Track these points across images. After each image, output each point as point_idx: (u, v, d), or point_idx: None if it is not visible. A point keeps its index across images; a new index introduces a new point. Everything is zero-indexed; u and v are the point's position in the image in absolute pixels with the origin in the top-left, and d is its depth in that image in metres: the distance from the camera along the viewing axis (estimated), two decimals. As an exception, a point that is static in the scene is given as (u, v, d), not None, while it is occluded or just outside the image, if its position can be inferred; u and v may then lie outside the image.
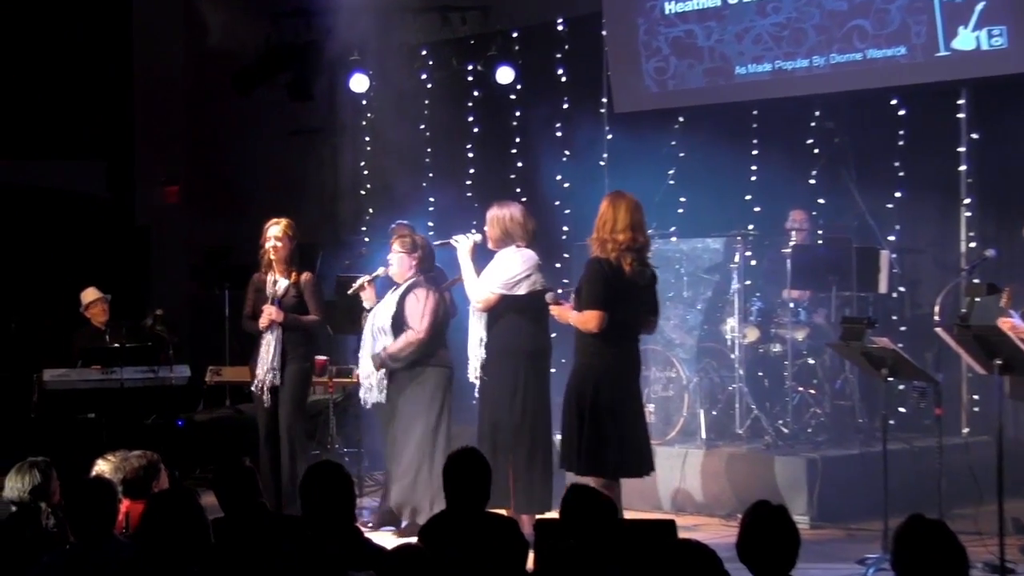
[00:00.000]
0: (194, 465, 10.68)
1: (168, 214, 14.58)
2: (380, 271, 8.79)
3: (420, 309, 8.47)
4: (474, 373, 8.12)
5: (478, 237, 8.21)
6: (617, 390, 7.33)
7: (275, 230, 8.78)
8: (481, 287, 8.03)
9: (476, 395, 8.26)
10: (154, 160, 14.52)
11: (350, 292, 8.88)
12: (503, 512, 7.35)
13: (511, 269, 7.97)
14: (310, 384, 9.24)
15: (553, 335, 8.33)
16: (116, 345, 10.41)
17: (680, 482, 9.30)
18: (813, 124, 10.45)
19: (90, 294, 11.09)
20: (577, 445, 7.26)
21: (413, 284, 8.57)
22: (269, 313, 8.69)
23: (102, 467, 6.43)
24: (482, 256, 8.24)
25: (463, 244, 8.19)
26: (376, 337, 8.51)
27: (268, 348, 8.71)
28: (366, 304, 8.76)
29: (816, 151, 10.38)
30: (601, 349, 7.31)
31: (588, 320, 7.26)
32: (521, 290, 7.95)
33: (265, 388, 8.69)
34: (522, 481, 7.93)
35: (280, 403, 8.72)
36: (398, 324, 8.46)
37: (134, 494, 6.22)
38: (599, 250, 7.30)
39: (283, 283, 8.77)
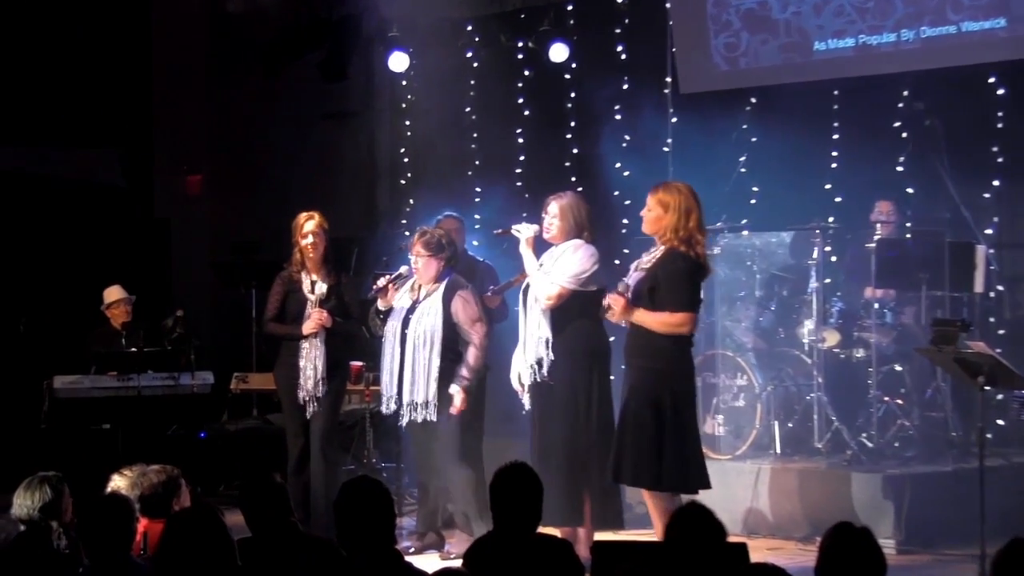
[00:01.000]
0: (218, 481, 10.73)
1: (189, 206, 14.66)
2: (404, 270, 8.76)
3: (474, 312, 8.53)
4: (522, 378, 8.10)
5: (536, 227, 8.21)
6: (692, 398, 7.47)
7: (311, 225, 8.82)
8: (551, 281, 8.00)
9: (528, 403, 8.22)
10: (174, 147, 14.60)
11: (372, 295, 8.83)
12: (556, 532, 7.37)
13: (583, 263, 7.99)
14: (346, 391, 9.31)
15: (612, 338, 8.32)
16: (133, 349, 10.48)
17: (752, 501, 9.27)
18: (901, 105, 10.37)
19: (114, 293, 11.17)
20: (656, 459, 7.25)
21: (454, 285, 8.59)
22: (320, 318, 8.74)
23: (118, 483, 6.47)
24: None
25: (525, 233, 8.18)
26: (420, 348, 8.47)
27: (313, 356, 8.75)
28: (381, 306, 8.70)
29: (904, 135, 10.31)
30: (677, 353, 7.38)
31: (681, 323, 7.30)
32: (593, 286, 7.96)
33: (312, 398, 8.75)
34: (598, 495, 7.97)
35: (315, 413, 8.77)
36: (450, 332, 8.46)
37: (153, 512, 6.26)
38: (683, 246, 7.30)
39: (322, 285, 8.82)
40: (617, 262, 9.47)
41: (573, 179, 11.55)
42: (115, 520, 5.34)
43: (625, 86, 11.69)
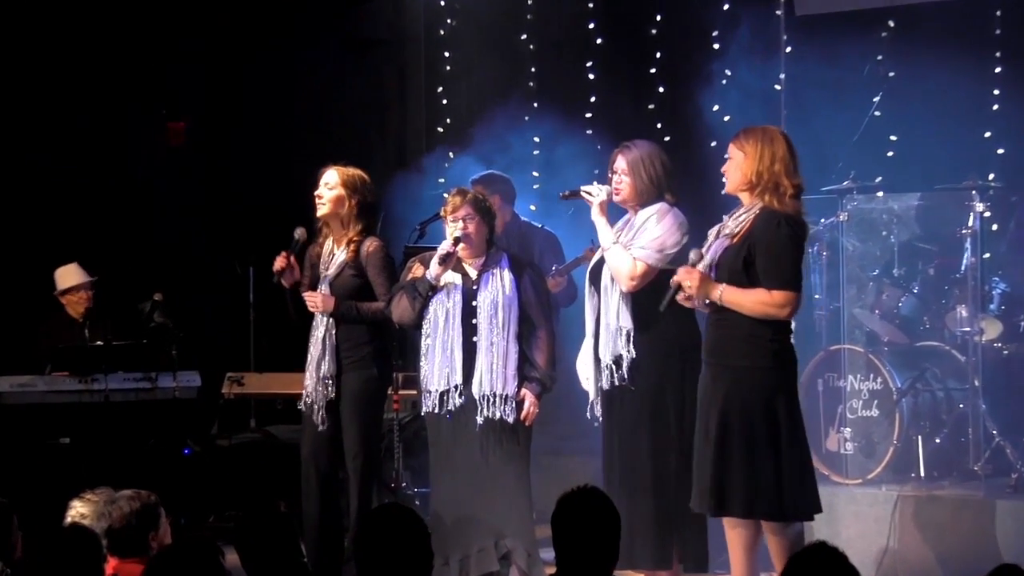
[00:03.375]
0: (207, 510, 10.77)
1: (172, 161, 14.70)
2: (461, 230, 8.63)
3: (546, 297, 8.65)
4: (599, 381, 8.10)
5: (610, 189, 8.20)
6: (798, 401, 7.44)
7: (329, 176, 8.77)
8: (631, 256, 7.97)
9: (600, 412, 8.22)
10: (153, 86, 14.64)
11: (441, 259, 8.68)
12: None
13: (670, 232, 7.96)
14: (383, 397, 9.22)
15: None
16: (99, 343, 10.51)
17: (890, 537, 9.24)
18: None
19: (70, 275, 11.19)
20: (776, 482, 7.23)
21: (520, 260, 8.67)
22: (312, 300, 8.72)
23: (80, 511, 6.50)
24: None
25: (598, 196, 8.15)
26: (498, 330, 8.41)
27: (317, 349, 8.74)
28: (430, 276, 8.56)
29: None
30: (783, 346, 7.35)
31: (781, 304, 7.26)
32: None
33: (317, 405, 8.75)
34: (683, 529, 8.02)
35: (343, 426, 8.76)
36: (527, 318, 8.49)
37: (123, 550, 6.28)
38: (772, 198, 7.25)
39: (340, 256, 8.78)
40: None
41: (659, 125, 11.53)
42: (76, 559, 5.36)
43: (726, 6, 11.65)
